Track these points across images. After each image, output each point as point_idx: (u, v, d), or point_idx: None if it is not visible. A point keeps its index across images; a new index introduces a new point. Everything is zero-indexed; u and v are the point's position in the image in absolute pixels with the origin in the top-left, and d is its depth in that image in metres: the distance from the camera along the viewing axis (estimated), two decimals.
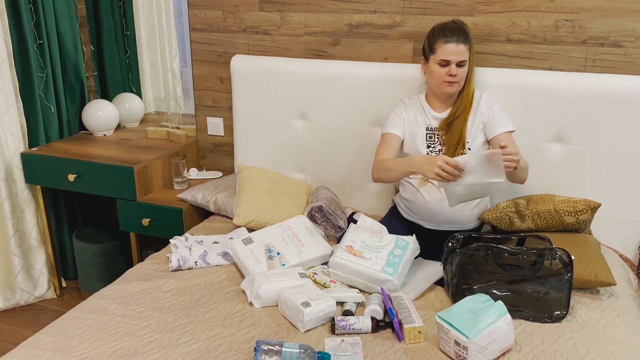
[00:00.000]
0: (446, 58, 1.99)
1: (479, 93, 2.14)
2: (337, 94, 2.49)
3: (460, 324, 1.50)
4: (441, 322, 1.53)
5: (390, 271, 1.82)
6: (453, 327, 1.50)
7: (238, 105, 2.70)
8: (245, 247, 2.00)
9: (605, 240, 2.22)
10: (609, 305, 1.78)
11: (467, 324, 1.50)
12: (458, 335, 1.48)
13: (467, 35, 2.02)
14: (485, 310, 1.54)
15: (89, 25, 3.01)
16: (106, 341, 1.60)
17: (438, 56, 2.01)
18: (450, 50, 1.98)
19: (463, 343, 1.47)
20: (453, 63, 2.00)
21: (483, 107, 2.10)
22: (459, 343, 1.48)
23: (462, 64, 2.01)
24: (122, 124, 3.15)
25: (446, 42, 1.99)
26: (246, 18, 2.64)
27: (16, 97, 2.69)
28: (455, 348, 1.50)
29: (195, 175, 2.83)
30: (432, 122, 2.14)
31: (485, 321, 1.50)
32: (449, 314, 1.55)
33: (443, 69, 2.02)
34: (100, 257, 2.84)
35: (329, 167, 2.61)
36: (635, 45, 2.13)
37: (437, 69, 2.03)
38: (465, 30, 2.03)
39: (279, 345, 1.47)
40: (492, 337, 1.48)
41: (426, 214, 2.14)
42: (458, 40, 1.98)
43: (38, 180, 2.73)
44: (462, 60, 2.00)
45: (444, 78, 2.02)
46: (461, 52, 1.99)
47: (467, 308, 1.57)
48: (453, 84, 2.03)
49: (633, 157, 2.14)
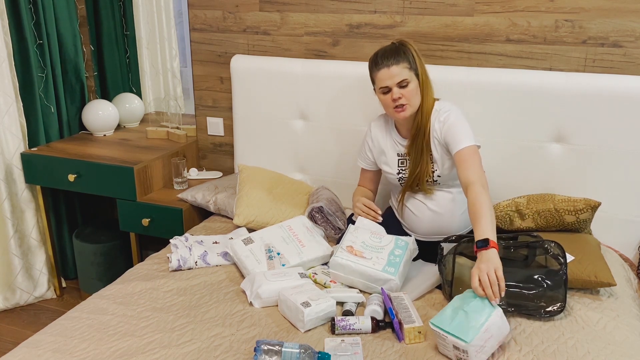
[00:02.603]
0: (383, 85, 1.93)
1: (435, 112, 1.99)
2: (337, 94, 2.49)
3: (455, 328, 1.50)
4: (436, 329, 1.53)
5: (392, 271, 1.82)
6: (449, 333, 1.50)
7: (238, 105, 2.70)
8: (245, 247, 2.00)
9: (605, 240, 2.22)
10: (608, 306, 1.78)
11: (462, 327, 1.49)
12: (456, 340, 1.48)
13: (402, 53, 1.92)
14: (475, 306, 1.54)
15: (89, 25, 3.01)
16: (106, 341, 1.60)
17: (377, 85, 1.96)
18: (384, 76, 1.92)
19: (462, 347, 1.47)
20: (393, 87, 1.92)
21: (437, 132, 1.97)
22: (458, 347, 1.48)
23: (403, 84, 1.91)
24: (122, 124, 3.15)
25: (378, 69, 1.93)
26: (246, 18, 2.64)
27: (16, 97, 2.69)
28: (455, 352, 1.50)
29: (195, 176, 2.83)
30: (400, 149, 2.09)
31: (479, 320, 1.50)
32: (442, 319, 1.54)
33: (387, 96, 1.94)
34: (100, 257, 2.84)
35: (329, 167, 2.61)
36: (635, 45, 2.13)
37: (382, 97, 1.96)
38: (400, 49, 1.93)
39: (279, 345, 1.47)
40: (488, 334, 1.49)
41: (415, 225, 2.12)
42: (389, 63, 1.90)
43: (38, 180, 2.73)
44: (400, 80, 1.90)
45: (391, 105, 1.94)
46: (396, 73, 1.90)
47: (458, 307, 1.56)
48: (404, 107, 1.93)
49: (633, 157, 2.14)
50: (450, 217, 2.06)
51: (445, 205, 2.05)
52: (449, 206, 2.05)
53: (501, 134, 2.25)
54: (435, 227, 2.08)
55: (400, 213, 2.17)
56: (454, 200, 2.05)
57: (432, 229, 2.09)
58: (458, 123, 1.94)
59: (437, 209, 2.05)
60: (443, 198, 2.05)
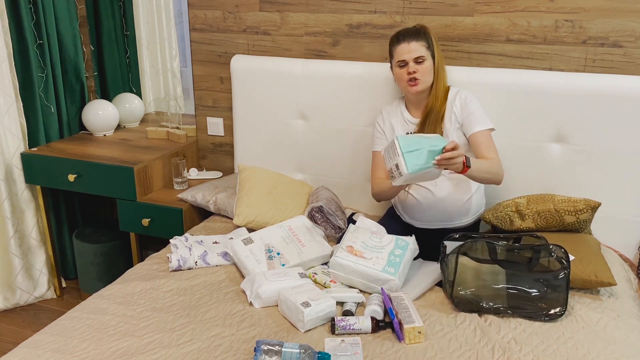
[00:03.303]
0: (401, 58, 2.05)
1: (454, 92, 2.12)
2: (337, 94, 2.49)
3: (410, 157, 1.72)
4: (397, 143, 1.74)
5: (392, 271, 1.82)
6: (403, 155, 1.72)
7: (238, 105, 2.70)
8: (245, 247, 2.00)
9: (605, 240, 2.22)
10: (609, 306, 1.78)
11: (415, 159, 1.72)
12: (402, 163, 1.72)
13: (422, 33, 2.06)
14: (432, 154, 1.74)
15: (89, 25, 3.01)
16: (106, 341, 1.60)
17: (395, 59, 2.08)
18: (402, 50, 2.04)
19: (401, 169, 1.72)
20: (410, 61, 2.03)
21: (457, 108, 2.09)
22: (398, 167, 1.73)
23: (419, 60, 2.04)
24: (122, 124, 3.15)
25: (398, 43, 2.06)
26: (246, 18, 2.64)
27: (16, 97, 2.69)
28: (393, 168, 1.76)
29: (195, 176, 2.83)
30: (410, 128, 2.16)
31: (426, 165, 1.73)
32: (408, 142, 1.74)
33: (403, 70, 2.06)
34: (100, 257, 2.84)
35: (329, 167, 2.61)
36: (635, 45, 2.13)
37: (398, 71, 2.08)
38: (421, 30, 2.08)
39: (279, 346, 1.47)
40: (422, 177, 1.78)
41: (418, 213, 2.14)
42: (410, 39, 2.04)
43: (38, 180, 2.73)
44: (418, 56, 2.03)
45: (406, 78, 2.05)
46: (414, 49, 2.03)
47: (427, 145, 1.75)
48: (417, 81, 2.04)
49: (633, 157, 2.14)
50: (454, 203, 2.08)
51: (449, 191, 2.08)
52: (453, 192, 2.08)
53: (501, 134, 2.25)
54: (439, 213, 2.10)
55: (404, 201, 2.18)
56: (458, 185, 2.07)
57: (436, 215, 2.10)
58: (478, 105, 2.09)
59: (442, 194, 2.08)
60: (448, 184, 2.08)
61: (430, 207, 2.11)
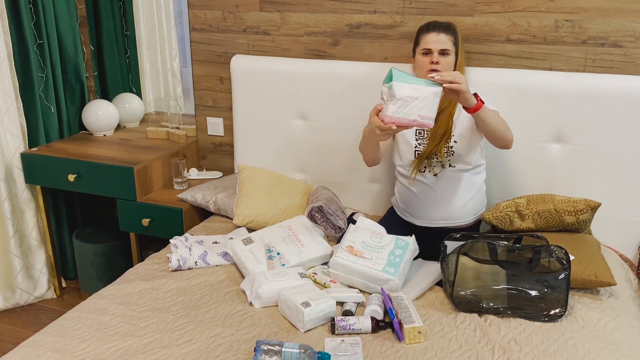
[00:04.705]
0: (427, 46, 2.06)
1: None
2: (337, 94, 2.49)
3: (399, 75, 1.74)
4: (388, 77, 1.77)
5: (392, 271, 1.82)
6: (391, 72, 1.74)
7: (238, 105, 2.70)
8: (245, 247, 2.00)
9: (605, 240, 2.22)
10: (609, 306, 1.78)
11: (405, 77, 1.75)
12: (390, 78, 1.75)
13: (451, 29, 2.08)
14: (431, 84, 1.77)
15: (89, 25, 3.01)
16: (106, 341, 1.60)
17: (421, 46, 2.09)
18: (431, 39, 2.06)
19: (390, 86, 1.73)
20: (435, 51, 2.05)
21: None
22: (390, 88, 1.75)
23: (444, 53, 2.05)
24: (122, 124, 3.15)
25: (428, 32, 2.08)
26: (246, 18, 2.64)
27: (16, 97, 2.69)
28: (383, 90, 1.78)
29: (195, 176, 2.83)
30: None
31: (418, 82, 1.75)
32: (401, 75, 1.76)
33: (426, 58, 2.07)
34: (100, 257, 2.84)
35: (329, 167, 2.61)
36: (635, 45, 2.13)
37: (421, 59, 2.09)
38: (451, 26, 2.10)
39: (279, 346, 1.48)
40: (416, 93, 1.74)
41: (418, 210, 2.15)
42: (439, 31, 2.06)
43: (38, 181, 2.73)
44: (443, 48, 2.04)
45: (428, 67, 2.06)
46: (442, 41, 2.05)
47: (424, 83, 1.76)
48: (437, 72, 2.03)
49: (633, 157, 2.14)
50: (457, 201, 2.09)
51: (453, 188, 2.08)
52: (457, 190, 2.08)
53: None
54: (441, 211, 2.10)
55: (405, 197, 2.17)
56: (463, 182, 2.07)
57: (436, 212, 2.10)
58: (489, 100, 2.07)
59: (445, 192, 2.08)
60: (451, 181, 2.08)
61: (431, 204, 2.11)
